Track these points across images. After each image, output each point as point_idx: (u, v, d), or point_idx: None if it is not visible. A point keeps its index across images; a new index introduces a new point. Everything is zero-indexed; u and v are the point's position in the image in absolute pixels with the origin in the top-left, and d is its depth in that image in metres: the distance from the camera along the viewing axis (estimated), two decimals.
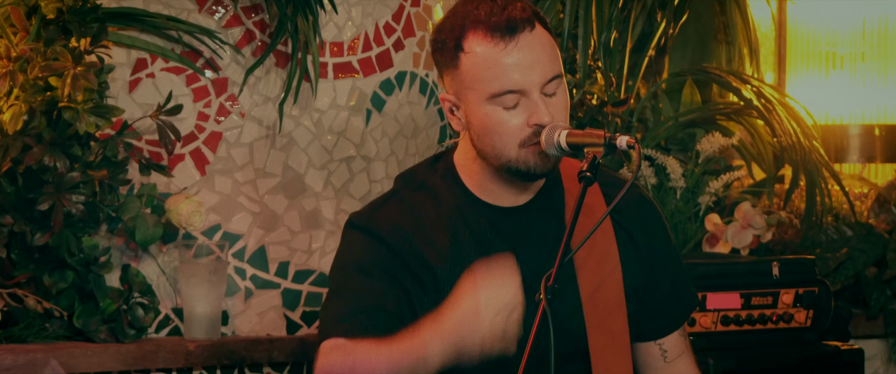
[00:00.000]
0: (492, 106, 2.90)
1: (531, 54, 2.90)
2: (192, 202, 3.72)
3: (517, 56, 2.89)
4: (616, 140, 2.84)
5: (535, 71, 2.89)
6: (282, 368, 3.89)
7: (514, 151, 2.91)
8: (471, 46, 2.91)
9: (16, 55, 3.54)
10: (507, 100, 2.89)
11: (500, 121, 2.91)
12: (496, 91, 2.89)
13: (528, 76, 2.89)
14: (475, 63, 2.90)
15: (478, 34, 2.90)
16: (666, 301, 3.10)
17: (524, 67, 2.89)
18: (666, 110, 4.65)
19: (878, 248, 4.66)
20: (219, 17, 3.86)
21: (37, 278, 3.64)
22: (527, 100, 2.89)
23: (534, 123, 2.90)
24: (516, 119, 2.90)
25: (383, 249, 2.97)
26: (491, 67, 2.89)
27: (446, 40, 2.94)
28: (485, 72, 2.89)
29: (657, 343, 3.11)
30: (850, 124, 5.12)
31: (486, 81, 2.89)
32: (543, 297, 2.71)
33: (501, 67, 2.88)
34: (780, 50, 5.21)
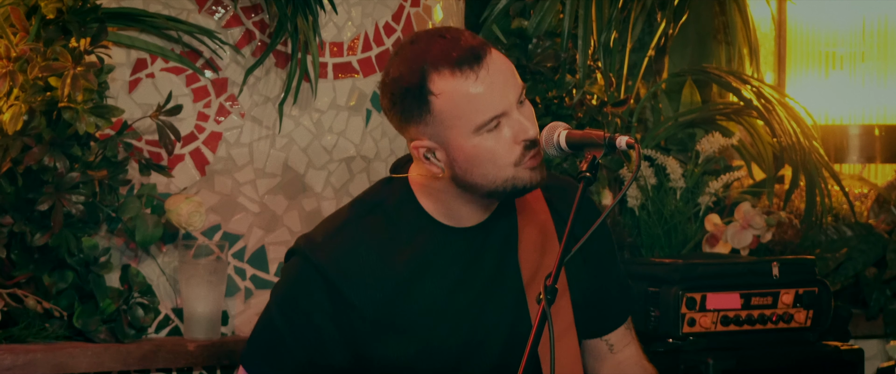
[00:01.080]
0: (478, 137, 2.87)
1: (501, 75, 2.87)
2: (192, 202, 3.72)
3: (490, 81, 2.85)
4: (616, 140, 2.84)
5: (509, 89, 2.87)
6: None
7: (511, 171, 2.89)
8: (440, 88, 2.85)
9: (16, 55, 3.54)
10: (491, 125, 2.86)
11: (490, 149, 2.87)
12: (480, 122, 2.85)
13: (505, 97, 2.86)
14: (449, 101, 2.85)
15: (444, 73, 2.85)
16: (613, 299, 3.14)
17: (499, 90, 2.86)
18: (666, 111, 4.65)
19: (878, 248, 4.66)
20: (218, 17, 3.86)
21: (37, 279, 3.64)
22: (508, 119, 2.87)
23: (522, 139, 2.88)
24: (504, 142, 2.88)
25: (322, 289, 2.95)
26: (468, 101, 2.85)
27: (408, 88, 2.87)
28: (463, 106, 2.85)
29: (603, 339, 3.14)
30: (850, 124, 5.12)
31: (467, 115, 2.85)
32: (544, 297, 2.71)
33: (479, 97, 2.84)
34: (780, 50, 5.21)
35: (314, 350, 2.95)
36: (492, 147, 2.87)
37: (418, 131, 2.89)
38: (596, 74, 4.42)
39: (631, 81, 4.53)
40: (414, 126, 2.89)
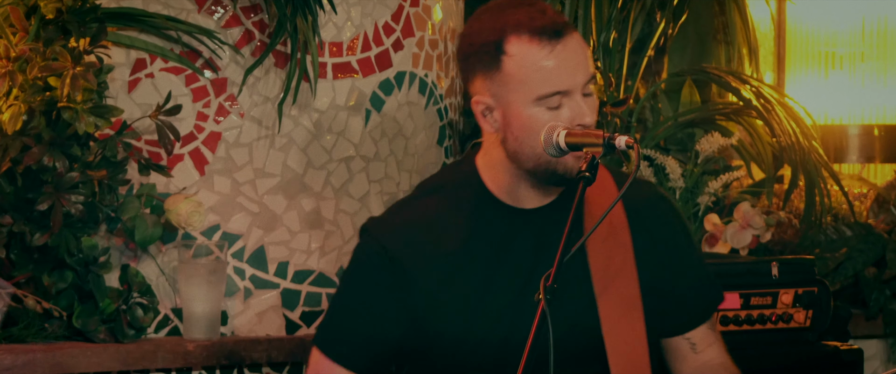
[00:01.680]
0: (537, 107, 2.93)
1: (575, 56, 2.94)
2: (192, 202, 3.72)
3: (563, 58, 2.93)
4: (615, 140, 2.85)
5: (579, 72, 2.94)
6: (281, 368, 3.89)
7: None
8: (515, 49, 2.93)
9: (15, 55, 3.54)
10: (553, 101, 2.93)
11: (544, 122, 2.93)
12: (544, 93, 2.92)
13: (573, 77, 2.93)
14: (520, 65, 2.92)
15: (522, 38, 2.92)
16: (690, 296, 3.12)
17: (570, 69, 2.93)
18: (665, 111, 4.65)
19: (878, 248, 4.66)
20: (218, 17, 3.86)
21: (36, 279, 3.63)
22: (570, 101, 2.93)
23: (577, 123, 2.94)
24: (559, 120, 2.94)
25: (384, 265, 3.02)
26: (538, 70, 2.92)
27: (485, 42, 2.95)
28: (531, 74, 2.92)
29: (685, 337, 3.13)
30: (850, 124, 5.12)
31: (533, 83, 2.92)
32: (542, 297, 2.71)
33: (548, 70, 2.92)
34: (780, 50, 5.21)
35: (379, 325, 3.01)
36: (546, 122, 2.93)
37: (483, 86, 2.97)
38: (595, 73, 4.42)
39: (630, 81, 4.53)
40: (480, 80, 2.97)
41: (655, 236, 3.06)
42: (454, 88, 4.30)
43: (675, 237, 3.11)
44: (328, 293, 3.97)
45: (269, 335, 3.90)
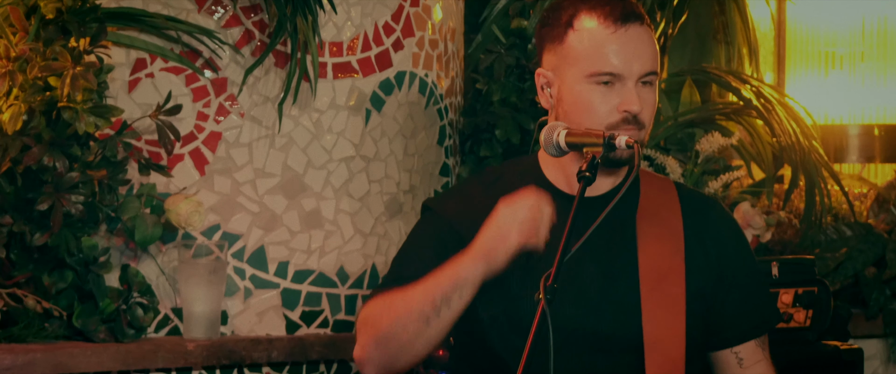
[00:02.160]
0: (588, 84, 2.99)
1: (637, 45, 3.00)
2: (192, 202, 3.72)
3: (624, 42, 2.99)
4: (615, 140, 2.85)
5: (637, 61, 2.98)
6: (281, 368, 3.89)
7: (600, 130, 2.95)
8: (581, 25, 3.00)
9: (15, 55, 3.54)
10: (603, 80, 2.98)
11: (591, 100, 2.98)
12: (596, 71, 2.97)
13: (629, 64, 2.98)
14: (581, 40, 3.00)
15: (592, 14, 3.00)
16: (740, 311, 3.12)
17: (628, 54, 2.98)
18: (665, 110, 4.65)
19: (878, 248, 4.66)
20: (218, 17, 3.86)
21: (36, 278, 3.63)
22: (622, 86, 2.98)
23: (624, 109, 2.98)
24: (608, 103, 2.99)
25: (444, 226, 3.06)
26: (596, 47, 2.98)
27: (559, 17, 3.04)
28: (589, 50, 2.99)
29: (733, 351, 3.14)
30: (850, 124, 5.12)
31: (589, 58, 2.98)
32: (543, 297, 2.71)
33: (606, 49, 2.98)
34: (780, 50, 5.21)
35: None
36: (594, 101, 2.98)
37: (547, 59, 3.06)
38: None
39: None
40: (546, 52, 3.06)
41: (708, 245, 3.09)
42: (454, 87, 4.30)
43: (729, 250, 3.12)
44: (328, 293, 3.97)
45: (269, 335, 3.90)
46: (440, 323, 2.92)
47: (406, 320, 2.93)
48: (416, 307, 2.92)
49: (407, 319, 2.93)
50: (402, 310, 2.94)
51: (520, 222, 2.87)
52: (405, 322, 2.93)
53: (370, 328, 2.97)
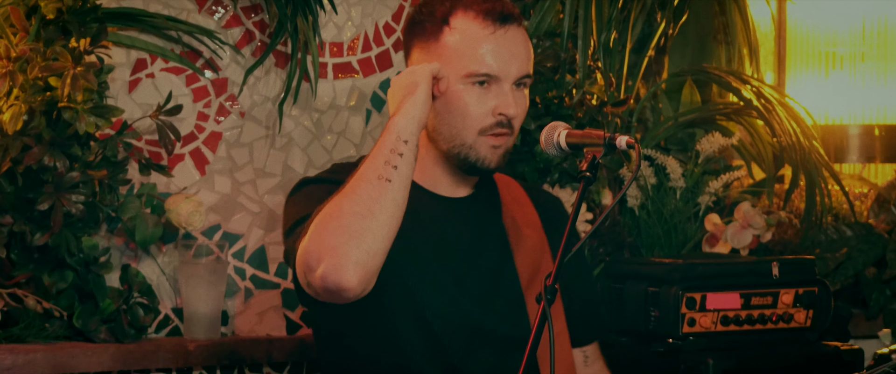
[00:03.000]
0: (463, 85, 2.95)
1: (515, 47, 2.96)
2: (192, 202, 3.72)
3: (501, 43, 2.94)
4: (616, 140, 2.85)
5: (514, 63, 2.95)
6: (281, 368, 3.89)
7: (472, 136, 2.95)
8: (458, 23, 2.95)
9: (16, 55, 3.54)
10: (479, 81, 2.94)
11: (466, 101, 2.95)
12: (473, 71, 2.93)
13: (507, 66, 2.94)
14: (459, 40, 2.94)
15: (469, 14, 2.95)
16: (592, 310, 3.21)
17: (506, 56, 2.94)
18: (665, 110, 4.64)
19: (878, 248, 4.66)
20: (218, 17, 3.86)
21: (36, 278, 3.63)
22: (498, 89, 2.94)
23: (500, 112, 2.95)
24: (484, 104, 2.95)
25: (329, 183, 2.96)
26: (474, 47, 2.93)
27: (433, 13, 2.97)
28: (467, 50, 2.94)
29: (582, 350, 3.21)
30: (850, 124, 5.12)
31: (466, 58, 2.94)
32: (544, 297, 2.72)
33: (485, 50, 2.93)
34: (780, 50, 5.21)
35: None
36: (469, 102, 2.94)
37: (417, 56, 2.99)
38: (596, 74, 4.42)
39: (631, 81, 4.53)
40: (416, 48, 2.99)
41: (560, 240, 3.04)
42: None
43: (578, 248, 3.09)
44: None
45: (269, 335, 3.90)
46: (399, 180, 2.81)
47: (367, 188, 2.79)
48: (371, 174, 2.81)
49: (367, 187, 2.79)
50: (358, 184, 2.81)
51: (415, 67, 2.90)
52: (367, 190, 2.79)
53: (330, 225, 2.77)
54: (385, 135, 2.85)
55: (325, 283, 2.75)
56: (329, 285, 2.74)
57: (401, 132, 2.84)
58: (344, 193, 2.82)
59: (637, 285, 3.93)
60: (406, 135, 2.84)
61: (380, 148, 2.84)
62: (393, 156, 2.82)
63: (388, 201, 2.80)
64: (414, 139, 2.85)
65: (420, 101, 2.87)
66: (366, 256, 2.76)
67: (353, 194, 2.79)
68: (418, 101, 2.87)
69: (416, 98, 2.86)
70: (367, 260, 2.76)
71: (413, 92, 2.87)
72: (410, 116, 2.85)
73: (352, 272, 2.74)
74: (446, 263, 2.99)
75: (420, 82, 2.88)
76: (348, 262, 2.74)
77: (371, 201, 2.78)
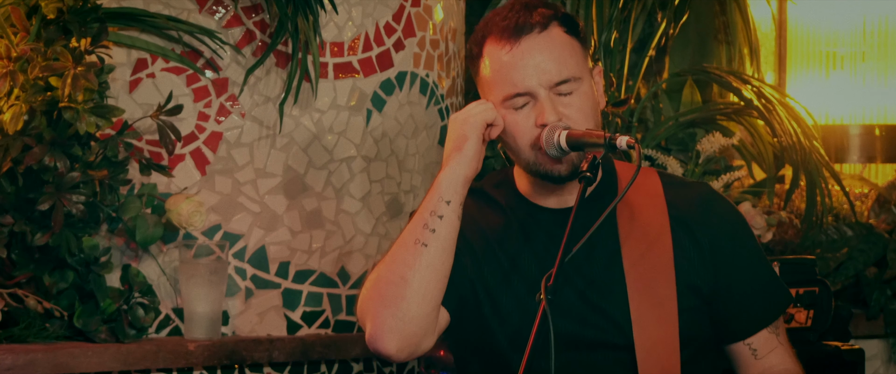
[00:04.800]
0: (506, 109, 2.94)
1: (533, 57, 2.92)
2: (193, 202, 3.72)
3: (517, 59, 2.92)
4: (616, 140, 2.84)
5: (541, 72, 2.91)
6: (282, 368, 3.89)
7: (529, 152, 2.94)
8: (488, 51, 2.95)
9: (16, 55, 3.54)
10: (517, 102, 2.93)
11: (513, 122, 2.95)
12: (506, 94, 2.93)
13: (529, 79, 2.92)
14: (488, 67, 2.95)
15: (491, 38, 2.95)
16: (746, 301, 3.05)
17: (526, 70, 2.92)
18: (666, 110, 4.65)
19: (879, 248, 4.66)
20: (219, 17, 3.86)
21: (37, 278, 3.63)
22: (535, 101, 2.92)
23: (540, 123, 2.92)
24: (526, 121, 2.94)
25: None
26: (498, 71, 2.93)
27: (472, 48, 2.99)
28: (495, 75, 2.94)
29: (746, 343, 3.07)
30: (851, 124, 5.12)
31: (498, 84, 2.94)
32: (544, 297, 2.71)
33: (506, 71, 2.93)
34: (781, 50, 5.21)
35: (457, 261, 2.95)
36: (514, 122, 2.94)
37: (480, 92, 3.01)
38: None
39: (631, 81, 4.53)
40: (478, 85, 3.01)
41: (699, 235, 3.01)
42: (455, 88, 4.30)
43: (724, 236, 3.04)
44: (329, 293, 3.97)
45: (270, 335, 3.90)
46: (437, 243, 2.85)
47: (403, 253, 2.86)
48: (409, 238, 2.86)
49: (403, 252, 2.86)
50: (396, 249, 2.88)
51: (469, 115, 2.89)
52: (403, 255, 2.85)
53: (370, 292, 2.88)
54: (431, 191, 2.90)
55: (370, 346, 2.88)
56: (372, 348, 2.87)
57: (444, 193, 2.88)
58: (385, 258, 2.90)
59: None
60: (448, 194, 2.88)
61: (424, 207, 2.89)
62: (432, 218, 2.86)
63: (423, 266, 2.85)
64: (458, 197, 2.88)
65: (467, 157, 2.89)
66: (400, 323, 2.84)
67: (391, 259, 2.88)
68: (465, 158, 2.89)
69: (463, 155, 2.89)
70: (402, 327, 2.84)
71: (460, 147, 2.89)
72: (455, 174, 2.88)
73: (388, 339, 2.84)
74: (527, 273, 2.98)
75: (469, 136, 2.90)
76: (384, 329, 2.84)
77: (405, 268, 2.85)
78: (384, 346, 2.84)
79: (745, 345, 3.08)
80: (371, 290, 2.88)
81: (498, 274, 2.99)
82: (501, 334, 2.97)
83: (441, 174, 2.89)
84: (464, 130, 2.90)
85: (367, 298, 2.88)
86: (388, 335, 2.84)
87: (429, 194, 2.90)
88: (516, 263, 2.99)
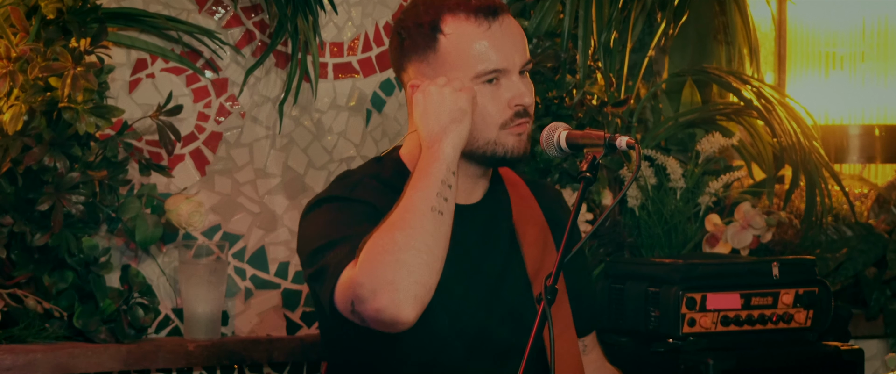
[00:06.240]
0: (477, 86, 2.93)
1: (512, 36, 2.95)
2: (192, 203, 3.72)
3: (500, 36, 2.93)
4: (616, 140, 2.85)
5: (516, 52, 2.94)
6: (281, 368, 3.89)
7: (494, 132, 2.94)
8: (451, 28, 2.92)
9: (16, 55, 3.54)
10: (489, 79, 2.93)
11: (482, 104, 2.93)
12: (482, 71, 2.92)
13: (511, 56, 2.93)
14: (457, 44, 2.92)
15: (458, 17, 2.93)
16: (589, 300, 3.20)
17: (508, 48, 2.93)
18: (666, 111, 4.64)
19: (878, 248, 4.66)
20: (219, 17, 3.86)
21: (37, 279, 3.64)
22: (508, 81, 2.94)
23: (516, 104, 2.94)
24: (498, 100, 2.94)
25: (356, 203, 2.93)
26: (475, 47, 2.92)
27: (420, 25, 2.94)
28: (468, 52, 2.92)
29: (581, 340, 3.19)
30: (850, 125, 5.12)
31: (471, 60, 2.92)
32: (544, 298, 2.72)
33: (486, 47, 2.92)
34: (780, 50, 5.21)
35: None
36: (484, 102, 2.93)
37: (418, 70, 2.95)
38: (596, 74, 4.42)
39: (631, 81, 4.53)
40: (415, 64, 2.95)
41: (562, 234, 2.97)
42: None
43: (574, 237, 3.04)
44: None
45: (269, 336, 3.90)
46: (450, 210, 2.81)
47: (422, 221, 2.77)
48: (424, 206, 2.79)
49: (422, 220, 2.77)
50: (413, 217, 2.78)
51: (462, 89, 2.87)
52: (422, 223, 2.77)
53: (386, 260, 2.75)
54: (434, 163, 2.84)
55: (380, 316, 2.75)
56: (385, 318, 2.75)
57: (450, 163, 2.85)
58: (397, 224, 2.78)
59: (637, 286, 3.92)
60: (454, 166, 2.86)
61: (431, 177, 2.83)
62: (444, 187, 2.83)
63: (441, 234, 2.81)
64: (456, 169, 2.87)
65: (466, 131, 2.88)
66: (423, 290, 2.77)
67: (409, 227, 2.78)
68: (464, 132, 2.88)
69: (462, 128, 2.87)
70: (424, 294, 2.77)
71: (460, 120, 2.87)
72: (456, 146, 2.86)
73: (411, 307, 2.75)
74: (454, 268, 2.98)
75: (467, 111, 2.88)
76: (408, 297, 2.75)
77: (427, 235, 2.78)
78: (406, 313, 2.73)
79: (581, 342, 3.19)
80: (386, 257, 2.75)
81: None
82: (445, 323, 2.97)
83: (444, 146, 2.84)
84: (460, 104, 2.87)
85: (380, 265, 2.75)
86: (412, 303, 2.74)
87: (432, 164, 2.83)
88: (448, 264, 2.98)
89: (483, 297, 2.99)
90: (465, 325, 2.97)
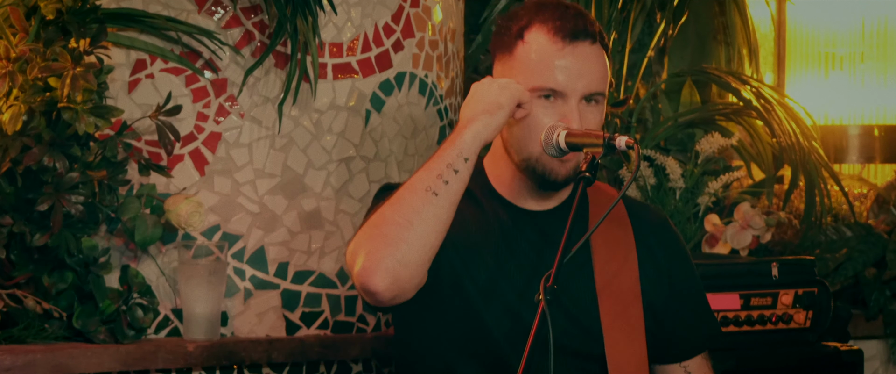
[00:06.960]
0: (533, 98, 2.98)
1: (583, 64, 2.99)
2: (192, 203, 3.72)
3: (569, 61, 2.98)
4: (615, 141, 2.86)
5: (581, 80, 2.98)
6: (281, 369, 3.89)
7: (538, 149, 2.96)
8: (532, 38, 3.00)
9: (15, 56, 3.54)
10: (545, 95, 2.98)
11: (534, 115, 2.99)
12: (539, 86, 2.98)
13: (572, 82, 2.98)
14: (528, 53, 3.00)
15: (542, 29, 3.00)
16: (689, 326, 3.18)
17: (572, 73, 2.98)
18: (665, 111, 4.65)
19: (878, 248, 4.66)
20: (218, 17, 3.86)
21: (36, 279, 3.64)
22: (564, 104, 2.97)
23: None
24: (549, 117, 2.98)
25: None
26: (541, 62, 2.98)
27: (510, 27, 3.04)
28: (535, 64, 2.99)
29: (682, 365, 3.19)
30: (850, 125, 5.12)
31: (533, 72, 2.98)
32: (543, 298, 2.72)
33: (551, 65, 2.98)
34: (780, 51, 5.21)
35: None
36: (535, 114, 2.98)
37: (497, 68, 3.07)
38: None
39: (631, 82, 4.53)
40: (497, 61, 3.07)
41: (660, 258, 3.12)
42: (454, 88, 4.30)
43: (678, 265, 3.16)
44: (328, 294, 3.97)
45: (269, 336, 3.90)
46: (447, 196, 2.88)
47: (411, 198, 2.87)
48: (419, 184, 2.88)
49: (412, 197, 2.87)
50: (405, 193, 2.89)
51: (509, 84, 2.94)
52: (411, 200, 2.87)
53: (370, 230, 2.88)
54: (447, 146, 2.91)
55: (357, 282, 2.87)
56: (359, 285, 2.86)
57: (463, 149, 2.90)
58: (391, 200, 2.90)
59: None
60: (468, 152, 2.90)
61: (439, 158, 2.90)
62: (447, 171, 2.88)
63: (430, 214, 2.86)
64: (474, 158, 2.91)
65: (495, 124, 2.92)
66: (397, 265, 2.84)
67: (398, 202, 2.88)
68: (493, 123, 2.92)
69: (492, 120, 2.91)
70: (398, 269, 2.84)
71: (492, 112, 2.92)
72: (480, 135, 2.91)
73: (380, 278, 2.83)
74: (511, 275, 3.01)
75: (504, 106, 2.93)
76: (379, 267, 2.83)
77: (412, 212, 2.86)
78: (375, 283, 2.83)
79: (682, 367, 3.20)
80: (372, 228, 2.88)
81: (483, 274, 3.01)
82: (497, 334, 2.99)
83: (465, 131, 2.91)
84: (500, 97, 2.93)
85: (366, 235, 2.88)
86: (382, 273, 2.83)
87: (444, 149, 2.91)
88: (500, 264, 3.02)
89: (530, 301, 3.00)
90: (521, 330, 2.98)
